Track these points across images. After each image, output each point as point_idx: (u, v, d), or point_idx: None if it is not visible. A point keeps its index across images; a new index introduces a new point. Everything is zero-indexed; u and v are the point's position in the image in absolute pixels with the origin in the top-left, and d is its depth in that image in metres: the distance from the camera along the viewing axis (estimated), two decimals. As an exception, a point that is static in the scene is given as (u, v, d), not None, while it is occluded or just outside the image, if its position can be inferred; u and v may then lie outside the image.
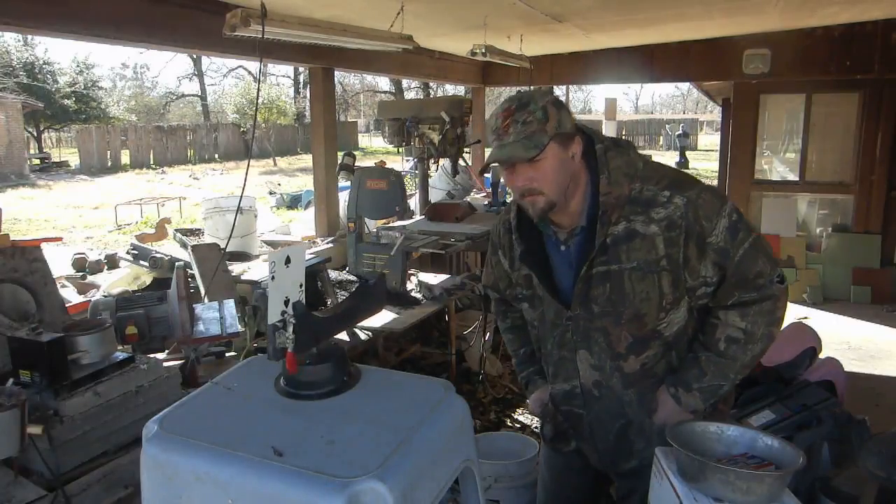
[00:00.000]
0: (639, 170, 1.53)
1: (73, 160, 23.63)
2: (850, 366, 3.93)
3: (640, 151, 1.62)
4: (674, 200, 1.47)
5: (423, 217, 4.83)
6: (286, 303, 1.30)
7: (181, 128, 27.30)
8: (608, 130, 8.71)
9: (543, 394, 1.81)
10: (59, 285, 2.83)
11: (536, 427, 4.00)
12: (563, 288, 1.61)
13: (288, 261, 1.31)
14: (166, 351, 2.77)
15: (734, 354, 1.54)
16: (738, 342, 1.53)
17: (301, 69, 27.81)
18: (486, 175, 7.03)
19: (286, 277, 1.31)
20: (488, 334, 4.60)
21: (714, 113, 36.04)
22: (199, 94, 37.78)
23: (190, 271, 3.22)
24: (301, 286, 1.34)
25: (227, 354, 2.91)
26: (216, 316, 2.76)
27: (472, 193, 6.54)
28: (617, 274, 1.52)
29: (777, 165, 7.41)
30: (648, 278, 1.50)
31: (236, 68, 35.82)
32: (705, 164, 23.49)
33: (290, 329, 1.29)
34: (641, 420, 1.64)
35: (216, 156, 26.76)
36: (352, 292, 1.72)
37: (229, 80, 37.09)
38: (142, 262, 3.78)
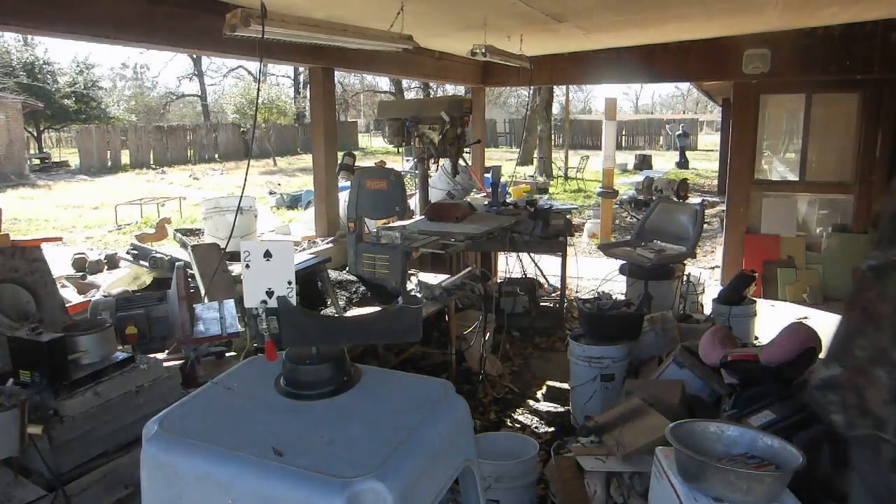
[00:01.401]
0: None
1: (73, 160, 23.64)
2: (850, 366, 3.92)
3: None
4: None
5: (423, 217, 4.82)
6: (270, 294, 1.35)
7: (181, 128, 27.31)
8: (608, 130, 8.70)
9: None
10: (59, 285, 2.84)
11: (536, 427, 4.00)
12: None
13: (268, 255, 1.35)
14: (166, 351, 2.77)
15: None
16: None
17: (301, 69, 27.82)
18: (486, 175, 7.03)
19: (267, 269, 1.35)
20: (488, 334, 4.60)
21: (714, 113, 36.06)
22: (199, 94, 37.80)
23: (190, 271, 3.22)
24: (290, 283, 1.37)
25: (227, 354, 2.91)
26: (216, 316, 2.76)
27: (472, 193, 6.53)
28: None
29: (777, 165, 7.40)
30: None
31: (236, 68, 35.86)
32: (705, 164, 23.47)
33: (264, 316, 1.34)
34: None
35: (216, 156, 26.78)
36: (380, 312, 1.53)
37: (229, 80, 37.10)
38: (142, 262, 3.77)
